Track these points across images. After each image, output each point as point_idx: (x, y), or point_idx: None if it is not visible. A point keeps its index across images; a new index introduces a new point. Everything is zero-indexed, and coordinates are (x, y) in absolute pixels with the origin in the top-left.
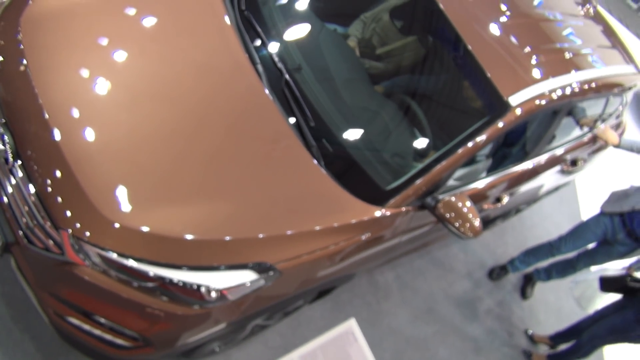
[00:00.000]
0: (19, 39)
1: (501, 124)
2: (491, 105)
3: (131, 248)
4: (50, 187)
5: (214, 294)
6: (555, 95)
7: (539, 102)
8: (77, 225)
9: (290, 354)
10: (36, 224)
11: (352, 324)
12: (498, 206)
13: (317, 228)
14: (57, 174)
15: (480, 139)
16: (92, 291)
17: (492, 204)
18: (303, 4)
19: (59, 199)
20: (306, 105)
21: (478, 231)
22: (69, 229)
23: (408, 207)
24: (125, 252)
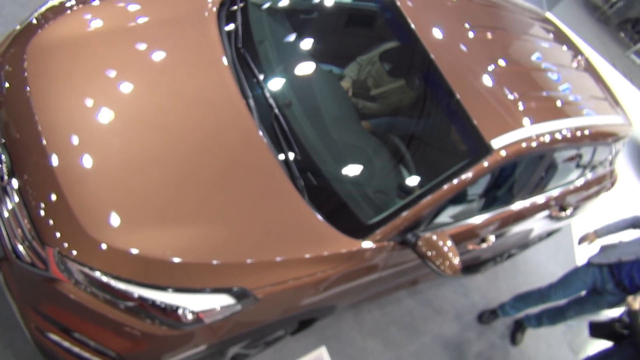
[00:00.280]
0: (24, 66)
1: (486, 164)
2: (473, 147)
3: (117, 268)
4: (41, 209)
5: (190, 316)
6: (542, 140)
7: (526, 145)
8: (65, 244)
9: None
10: (25, 240)
11: (322, 351)
12: (483, 247)
13: (295, 257)
14: (49, 195)
15: (461, 178)
16: (73, 308)
17: (476, 244)
18: (297, 45)
19: (50, 221)
20: (293, 139)
21: (457, 270)
22: (56, 247)
23: (389, 242)
24: (111, 271)
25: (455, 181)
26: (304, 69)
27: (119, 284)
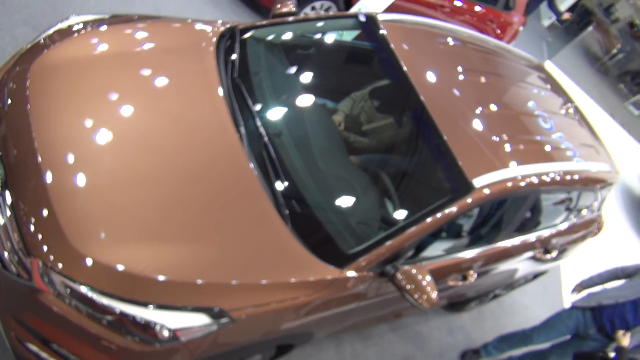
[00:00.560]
0: (27, 84)
1: (470, 200)
2: (456, 185)
3: (101, 282)
4: (31, 223)
5: (166, 333)
6: (529, 181)
7: (512, 185)
8: (51, 257)
9: None
10: (13, 252)
11: None
12: (465, 284)
13: (273, 281)
14: (40, 210)
15: (445, 212)
16: (54, 320)
17: (458, 280)
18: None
19: (39, 235)
20: (280, 168)
21: (434, 303)
22: (42, 259)
23: (368, 273)
24: (95, 285)
25: (439, 215)
26: (296, 101)
27: (101, 298)
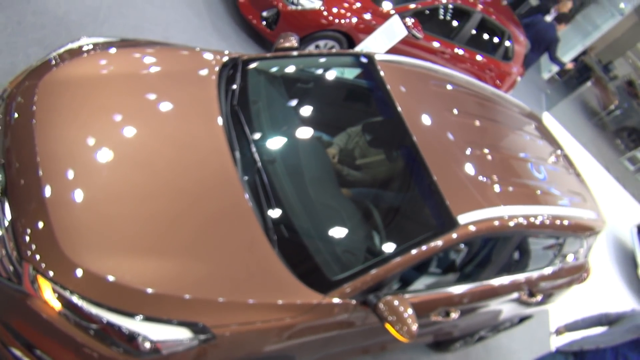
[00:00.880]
0: (34, 100)
1: (455, 236)
2: (441, 220)
3: (90, 291)
4: (26, 234)
5: (147, 345)
6: (515, 221)
7: (499, 223)
8: (43, 265)
9: None
10: (5, 255)
11: None
12: (449, 320)
13: (258, 301)
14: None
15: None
16: (40, 325)
17: (441, 316)
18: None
19: (33, 246)
20: (271, 193)
21: (414, 335)
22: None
23: (351, 300)
24: (84, 294)
25: (424, 247)
26: (292, 132)
27: (90, 307)
